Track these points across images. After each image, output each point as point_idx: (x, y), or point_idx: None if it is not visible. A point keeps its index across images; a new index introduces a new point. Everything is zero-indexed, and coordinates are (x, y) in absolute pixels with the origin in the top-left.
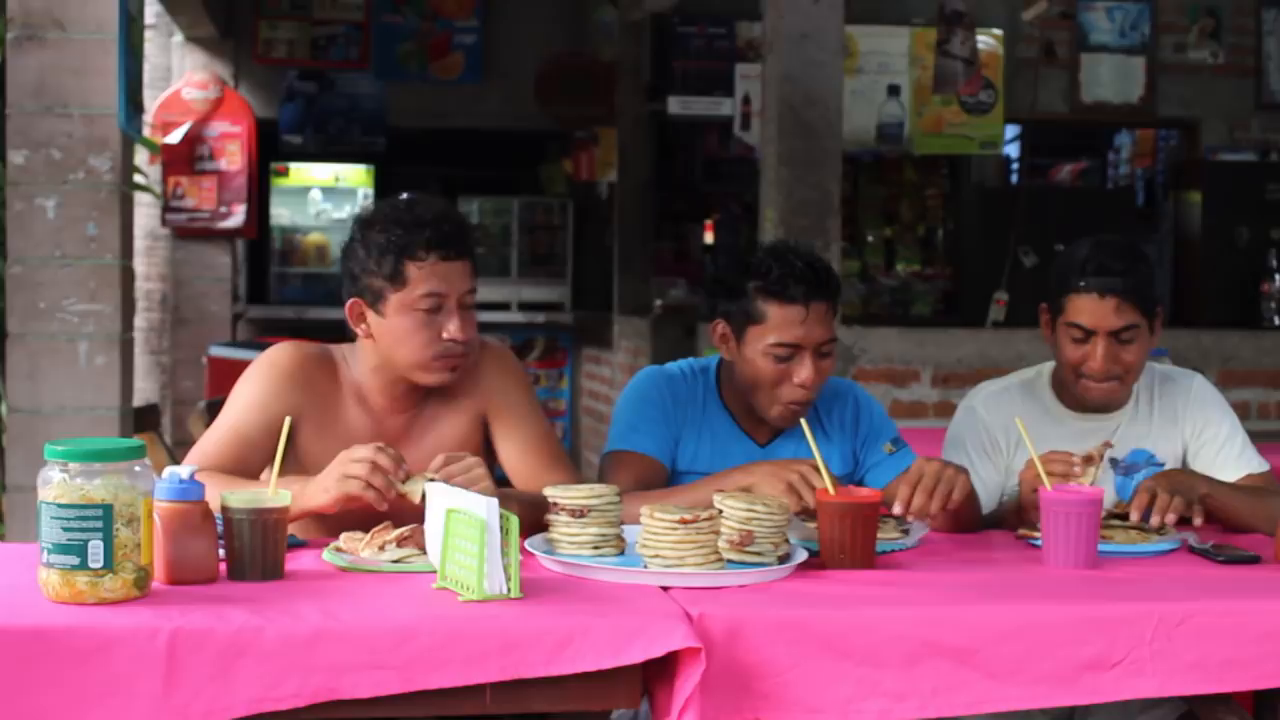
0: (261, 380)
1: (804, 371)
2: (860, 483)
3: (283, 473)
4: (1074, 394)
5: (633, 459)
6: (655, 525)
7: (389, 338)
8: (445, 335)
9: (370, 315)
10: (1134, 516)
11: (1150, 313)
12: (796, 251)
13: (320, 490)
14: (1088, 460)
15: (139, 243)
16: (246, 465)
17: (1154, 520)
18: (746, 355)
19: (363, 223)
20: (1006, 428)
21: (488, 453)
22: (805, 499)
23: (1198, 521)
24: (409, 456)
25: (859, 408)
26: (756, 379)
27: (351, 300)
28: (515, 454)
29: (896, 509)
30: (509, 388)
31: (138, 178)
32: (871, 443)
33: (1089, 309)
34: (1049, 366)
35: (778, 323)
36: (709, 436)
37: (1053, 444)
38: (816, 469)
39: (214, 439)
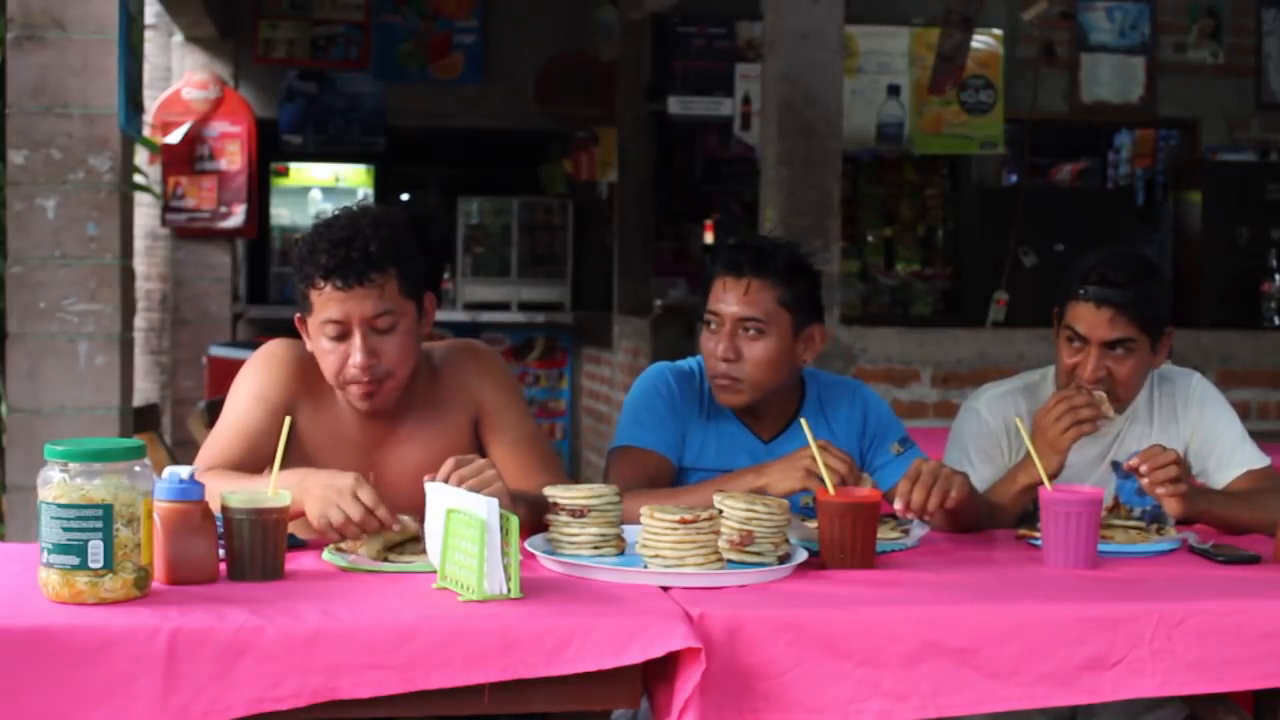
0: (260, 373)
1: (718, 344)
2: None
3: (283, 465)
4: None
5: (639, 455)
6: (655, 525)
7: (315, 354)
8: (350, 362)
9: (307, 330)
10: (1133, 463)
11: (1152, 330)
12: (759, 236)
13: (306, 503)
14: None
15: (139, 243)
16: (257, 457)
17: (1144, 469)
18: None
19: (297, 238)
20: (1009, 431)
21: (477, 451)
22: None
23: (1162, 493)
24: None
25: (866, 407)
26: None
27: (297, 314)
28: (504, 455)
29: (897, 505)
30: (497, 390)
31: (138, 178)
32: (878, 443)
33: (1084, 317)
34: (1053, 369)
35: (713, 293)
36: (714, 433)
37: None
38: (825, 452)
39: (222, 436)
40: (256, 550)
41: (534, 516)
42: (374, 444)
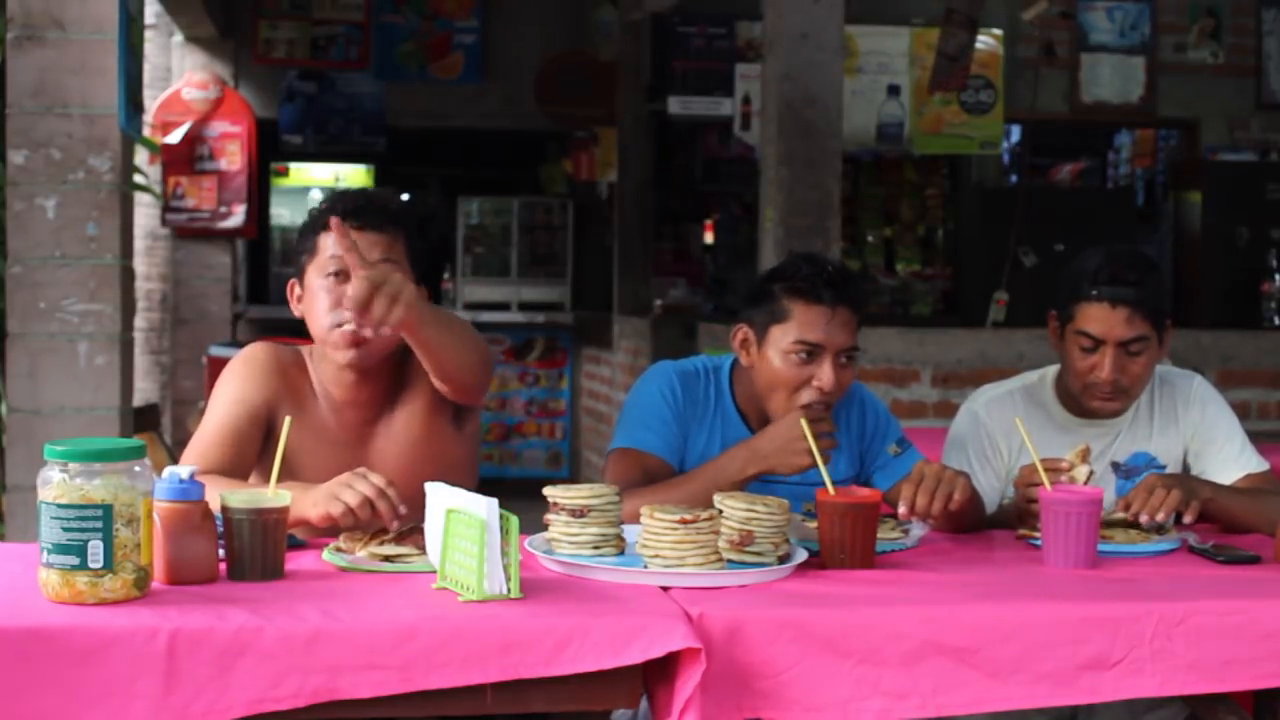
0: (241, 376)
1: (824, 374)
2: (866, 484)
3: (263, 463)
4: (1078, 400)
5: (639, 457)
6: (655, 525)
7: (306, 310)
8: (347, 297)
9: (297, 290)
10: (1133, 510)
11: (1160, 326)
12: (827, 259)
13: (310, 504)
14: (1081, 457)
15: (139, 243)
16: (241, 460)
17: (1144, 519)
18: (768, 356)
19: (310, 210)
20: (1008, 432)
21: (458, 439)
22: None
23: (1188, 519)
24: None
25: (864, 409)
26: (776, 381)
27: (290, 280)
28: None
29: (901, 509)
30: None
31: (138, 178)
32: (877, 444)
33: (1099, 318)
34: (1052, 370)
35: (802, 321)
36: (719, 437)
37: (1055, 449)
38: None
39: (205, 439)
40: (256, 550)
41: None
42: (355, 442)
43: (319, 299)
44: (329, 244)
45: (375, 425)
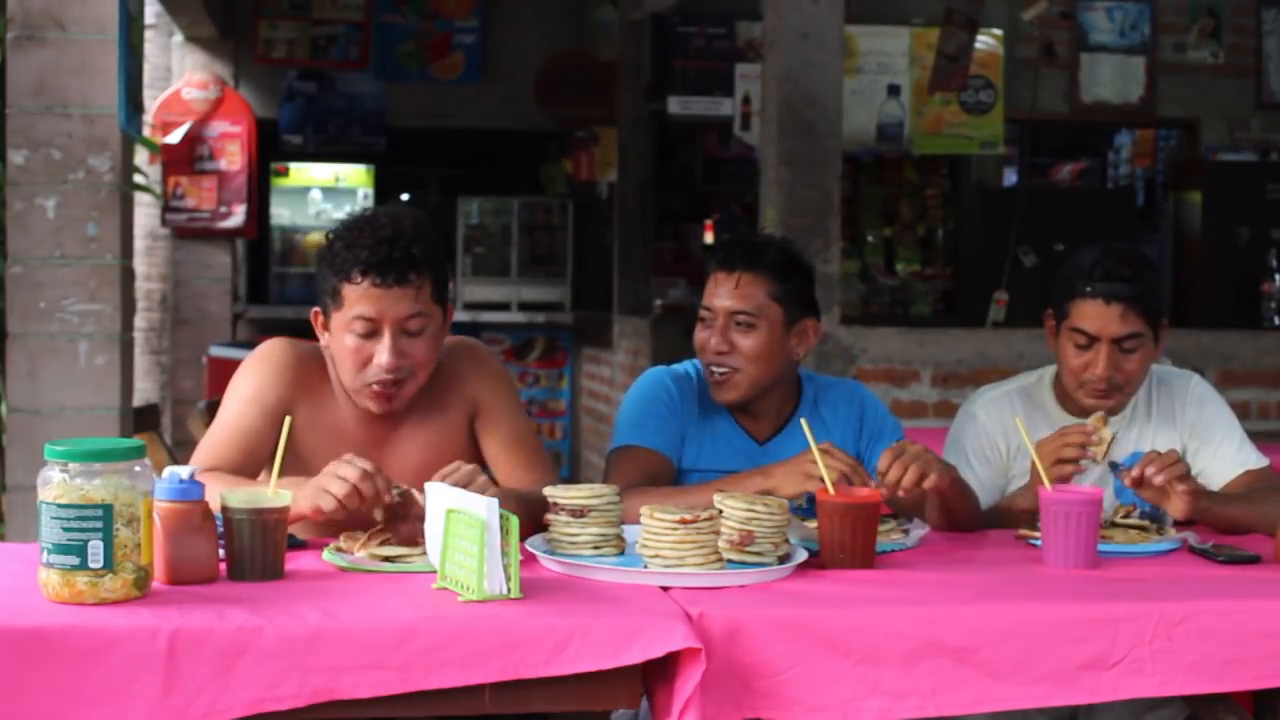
0: (257, 374)
1: (711, 336)
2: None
3: (282, 468)
4: (1075, 400)
5: (639, 454)
6: (655, 525)
7: (334, 352)
8: (375, 362)
9: (324, 325)
10: (1149, 473)
11: (1155, 323)
12: (758, 233)
13: (303, 498)
14: (1100, 422)
15: (139, 243)
16: (253, 459)
17: (1149, 471)
18: None
19: (329, 232)
20: (1006, 433)
21: (474, 449)
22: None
23: (1181, 490)
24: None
25: (864, 408)
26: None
27: (315, 308)
28: (498, 452)
29: (874, 483)
30: (492, 388)
31: (138, 178)
32: (875, 443)
33: (1093, 315)
34: (1050, 371)
35: (707, 289)
36: (709, 435)
37: None
38: (828, 455)
39: (218, 436)
40: (256, 550)
41: (528, 514)
42: (374, 443)
43: (346, 355)
44: (354, 297)
45: (397, 429)
